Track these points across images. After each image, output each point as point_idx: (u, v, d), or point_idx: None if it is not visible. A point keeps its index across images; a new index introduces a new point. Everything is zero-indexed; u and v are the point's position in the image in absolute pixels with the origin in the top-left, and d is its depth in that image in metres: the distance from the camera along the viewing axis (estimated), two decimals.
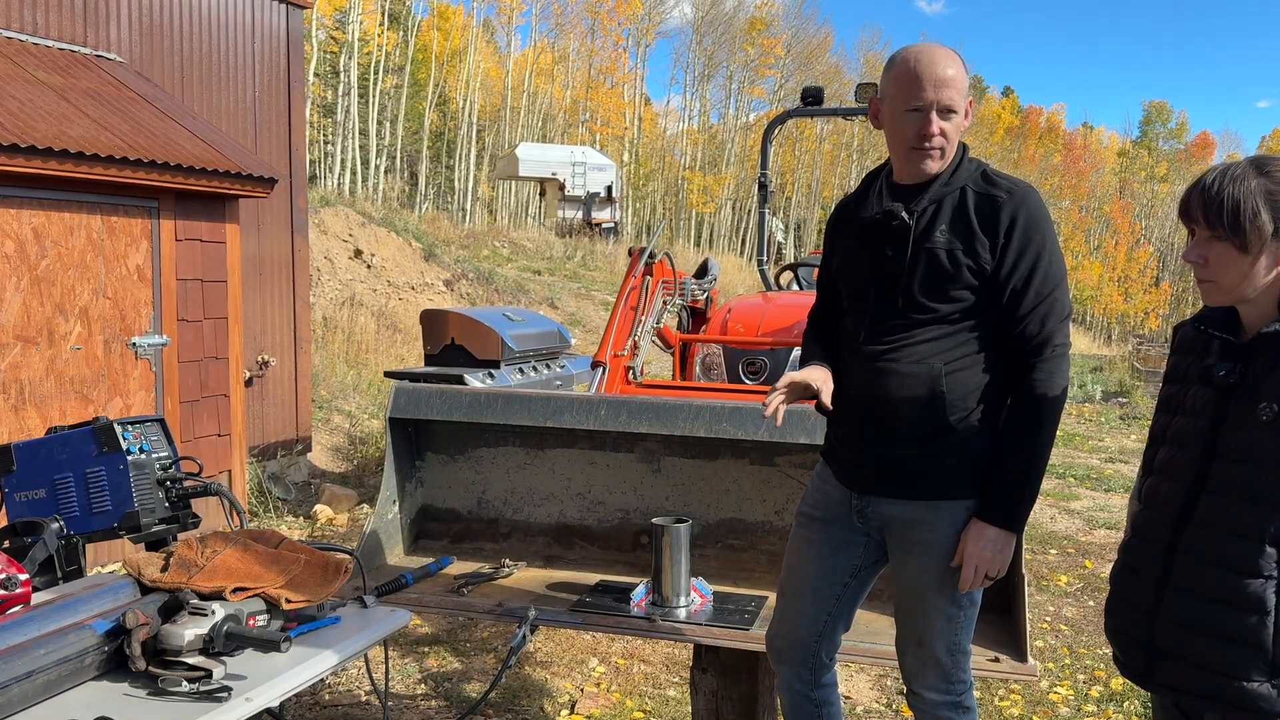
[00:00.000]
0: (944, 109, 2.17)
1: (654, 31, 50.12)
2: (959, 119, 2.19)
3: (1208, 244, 1.74)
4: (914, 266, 2.20)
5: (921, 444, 2.22)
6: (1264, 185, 1.69)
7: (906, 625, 2.35)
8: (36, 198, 5.20)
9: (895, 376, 2.23)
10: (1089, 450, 10.67)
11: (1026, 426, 2.18)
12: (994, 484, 2.19)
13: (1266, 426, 1.67)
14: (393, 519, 3.53)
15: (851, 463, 2.35)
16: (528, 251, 23.52)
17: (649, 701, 4.08)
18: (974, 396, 2.21)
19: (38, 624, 1.89)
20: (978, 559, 2.18)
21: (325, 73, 36.62)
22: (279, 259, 7.79)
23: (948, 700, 2.33)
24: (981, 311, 2.20)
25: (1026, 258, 2.16)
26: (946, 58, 2.18)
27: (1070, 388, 14.58)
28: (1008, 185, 2.22)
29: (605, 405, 3.34)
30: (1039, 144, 64.13)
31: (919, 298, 2.21)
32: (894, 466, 2.26)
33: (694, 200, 47.53)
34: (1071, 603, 5.57)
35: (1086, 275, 57.36)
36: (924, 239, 2.20)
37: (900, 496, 2.27)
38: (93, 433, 2.47)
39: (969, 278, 2.18)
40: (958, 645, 2.31)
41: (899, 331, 2.23)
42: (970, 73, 2.26)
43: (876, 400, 2.26)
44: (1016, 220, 2.16)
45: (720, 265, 7.37)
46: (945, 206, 2.21)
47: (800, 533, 2.49)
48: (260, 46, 7.62)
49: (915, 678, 2.35)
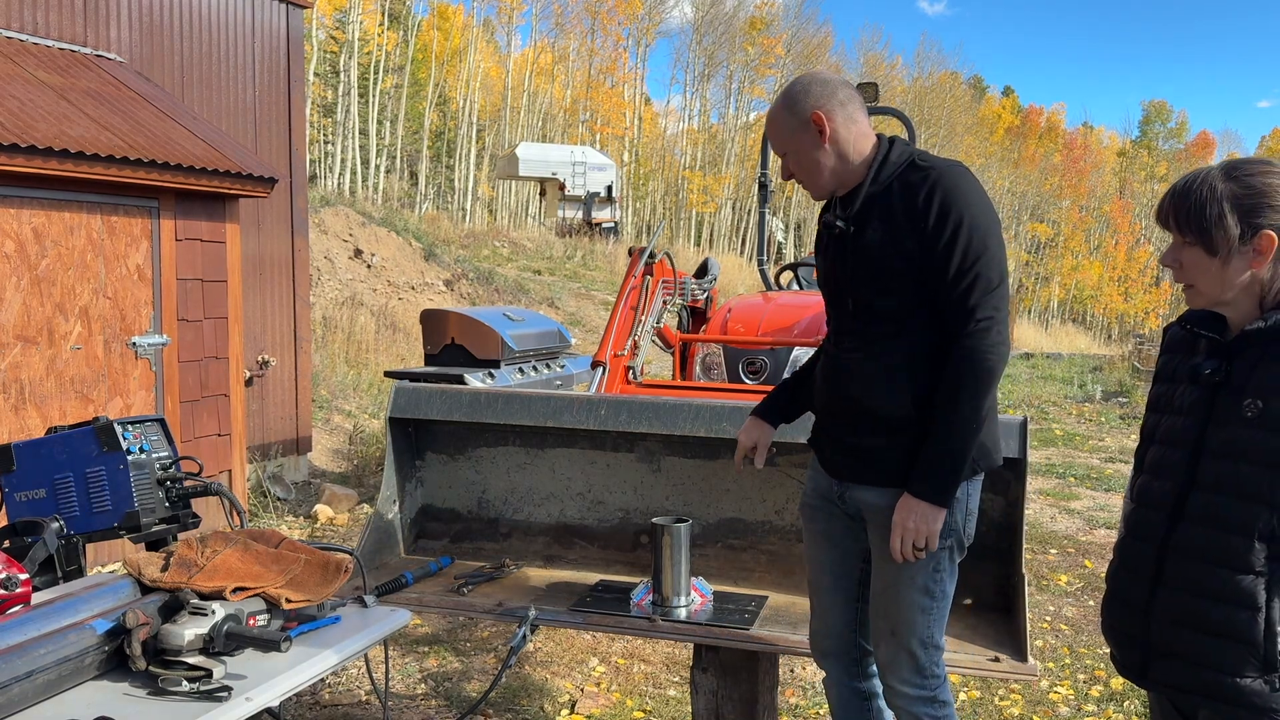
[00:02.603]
0: (780, 156, 2.40)
1: (654, 31, 50.16)
2: (801, 150, 2.34)
3: (1181, 249, 1.77)
4: (853, 269, 2.33)
5: (888, 435, 2.31)
6: (1230, 189, 1.71)
7: (879, 615, 2.41)
8: (36, 198, 5.20)
9: (854, 372, 2.35)
10: (1089, 450, 10.67)
11: (947, 400, 2.23)
12: (921, 458, 2.25)
13: (1252, 423, 1.69)
14: (393, 519, 3.54)
15: (829, 452, 2.48)
16: (528, 251, 23.53)
17: (649, 701, 4.08)
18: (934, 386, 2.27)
19: (38, 624, 1.89)
20: (903, 528, 2.25)
21: (325, 73, 36.62)
22: (279, 259, 7.79)
23: (923, 695, 2.38)
24: (926, 301, 2.26)
25: (945, 232, 2.20)
26: (770, 113, 2.42)
27: (1070, 387, 14.38)
28: (929, 166, 2.28)
29: (605, 405, 3.34)
30: (1039, 144, 64.10)
31: (861, 296, 2.32)
32: (864, 455, 2.36)
33: (694, 200, 47.53)
34: (1071, 603, 5.57)
35: (1086, 275, 57.38)
36: (857, 239, 2.31)
37: (872, 484, 2.36)
38: (93, 432, 2.47)
39: (901, 266, 2.24)
40: (930, 638, 2.36)
41: (856, 331, 2.35)
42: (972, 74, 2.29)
43: (841, 395, 2.39)
44: (933, 197, 2.22)
45: (720, 265, 7.37)
46: (876, 204, 2.31)
47: (808, 526, 2.60)
48: (260, 46, 7.62)
49: (890, 671, 2.41)
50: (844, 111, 2.33)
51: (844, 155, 2.33)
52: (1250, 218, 1.70)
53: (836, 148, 2.32)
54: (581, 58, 47.50)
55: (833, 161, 2.33)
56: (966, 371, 2.20)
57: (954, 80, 57.87)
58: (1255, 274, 1.72)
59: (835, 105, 2.32)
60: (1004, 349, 2.23)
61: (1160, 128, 72.12)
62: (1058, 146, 65.66)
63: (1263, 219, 1.69)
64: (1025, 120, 67.81)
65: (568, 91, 46.84)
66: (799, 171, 2.39)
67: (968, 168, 2.33)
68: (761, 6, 51.16)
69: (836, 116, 2.32)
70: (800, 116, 2.32)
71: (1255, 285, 1.73)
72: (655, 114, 54.88)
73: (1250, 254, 1.71)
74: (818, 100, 2.32)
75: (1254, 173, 1.72)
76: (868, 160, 2.33)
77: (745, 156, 48.10)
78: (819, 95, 2.32)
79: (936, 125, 51.14)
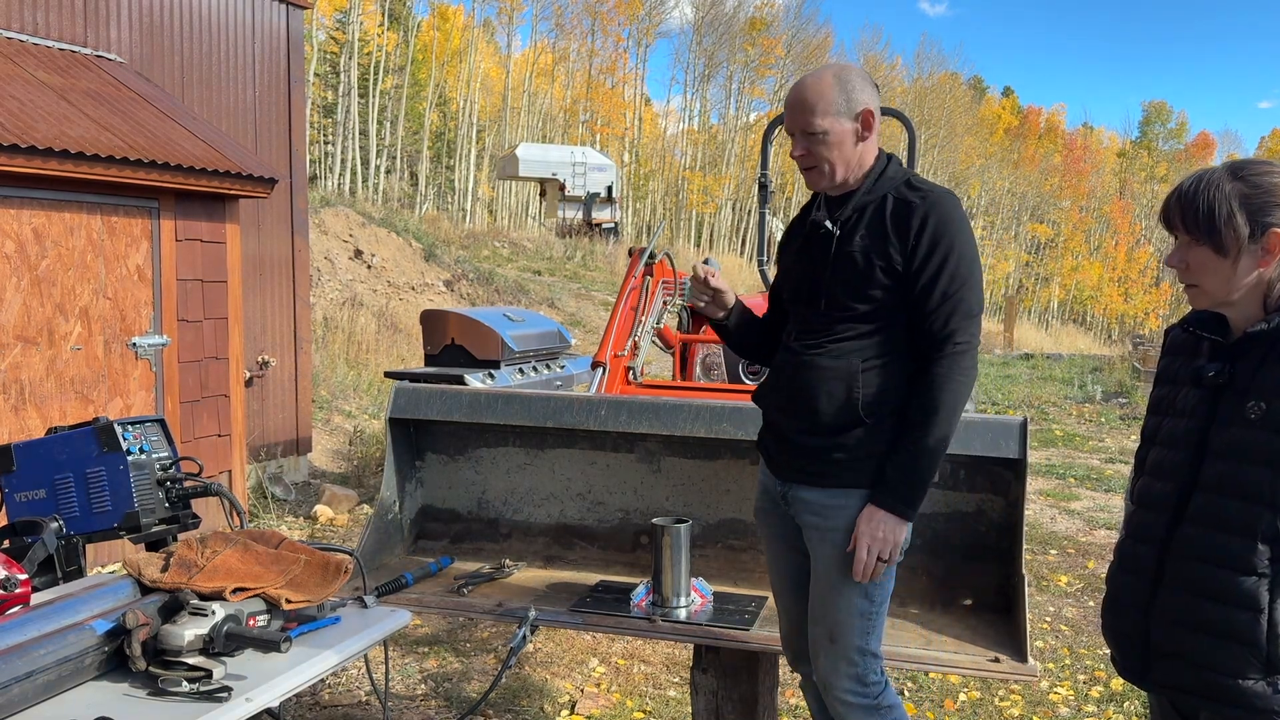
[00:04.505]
0: (804, 133, 2.35)
1: (654, 31, 50.20)
2: (837, 137, 2.33)
3: (1187, 249, 1.78)
4: (835, 270, 2.36)
5: (837, 434, 2.34)
6: (1239, 189, 1.72)
7: (818, 621, 2.41)
8: (37, 198, 5.20)
9: (816, 369, 2.37)
10: (1089, 450, 10.67)
11: (919, 417, 2.28)
12: (886, 469, 2.30)
13: (1255, 424, 1.70)
14: (393, 519, 3.54)
15: (775, 451, 2.49)
16: (528, 252, 23.53)
17: (649, 702, 4.08)
18: (891, 393, 2.32)
19: (38, 624, 1.89)
20: (869, 538, 2.28)
21: (325, 73, 36.64)
22: (279, 259, 7.79)
23: (865, 704, 2.38)
24: (899, 312, 2.32)
25: (935, 257, 2.28)
26: (809, 85, 2.37)
27: (1070, 387, 14.40)
28: (925, 190, 2.35)
29: (605, 405, 3.34)
30: (1039, 144, 64.12)
31: (839, 298, 2.35)
32: (811, 455, 2.38)
33: (694, 200, 47.54)
34: (1071, 603, 5.57)
35: (1086, 275, 57.38)
36: (844, 244, 2.35)
37: (816, 485, 2.38)
38: (93, 433, 2.47)
39: (882, 278, 2.30)
40: (866, 645, 2.37)
41: (822, 330, 2.39)
42: (972, 75, 2.30)
43: (798, 390, 2.40)
44: (927, 222, 2.29)
45: (720, 265, 7.36)
46: (867, 213, 2.35)
47: (762, 530, 2.63)
48: (260, 47, 7.62)
49: (831, 682, 2.40)
50: (878, 118, 2.39)
51: (863, 159, 2.38)
52: (1259, 216, 1.71)
53: (863, 150, 2.37)
54: (581, 58, 47.53)
55: (854, 161, 2.37)
56: (941, 391, 2.27)
57: (954, 81, 57.88)
58: (1262, 273, 1.73)
59: (876, 110, 2.37)
60: (974, 374, 2.33)
61: (1160, 128, 72.12)
62: (1057, 147, 65.67)
63: (1271, 217, 1.70)
64: (1025, 121, 67.80)
65: (568, 92, 46.85)
66: (821, 156, 2.36)
67: (959, 199, 2.41)
68: (761, 7, 51.22)
69: (877, 122, 2.38)
70: (854, 106, 2.33)
71: (1261, 285, 1.74)
72: (655, 114, 54.93)
73: (1258, 253, 1.72)
74: (870, 97, 2.36)
75: (1261, 172, 1.73)
76: (868, 170, 2.39)
77: (745, 157, 48.11)
78: (871, 93, 2.38)
79: (936, 126, 51.12)
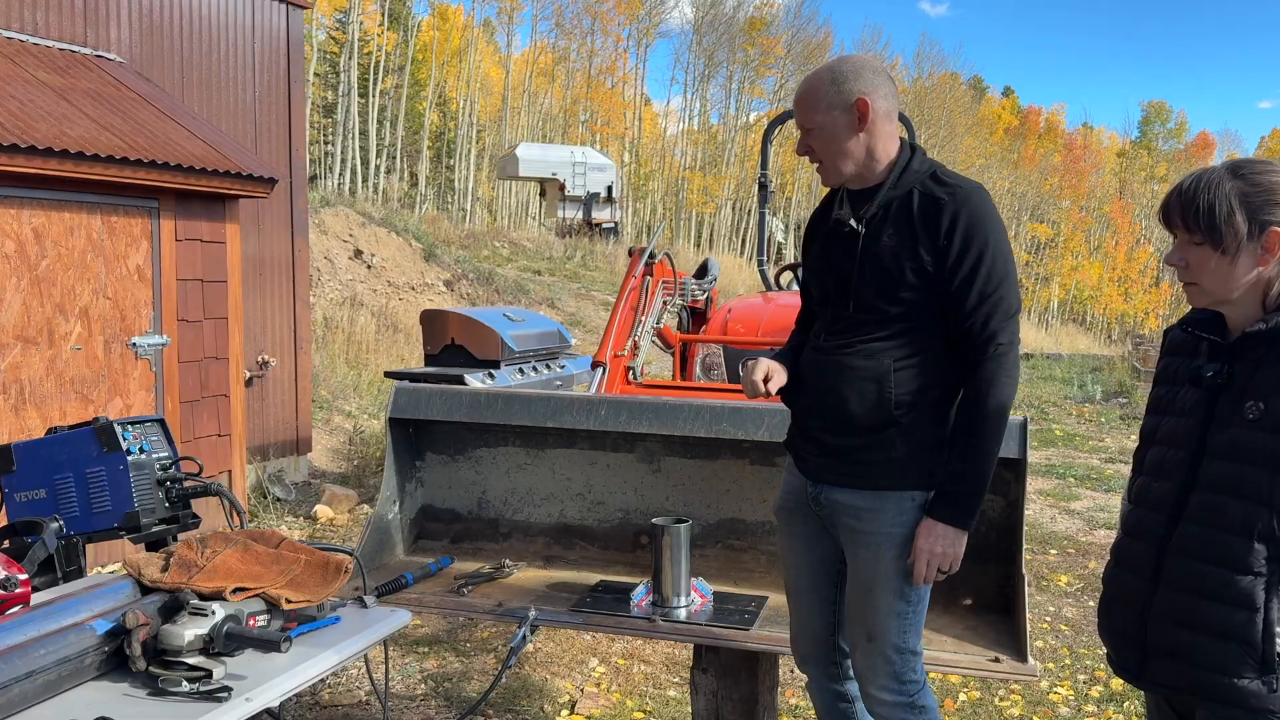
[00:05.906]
0: (803, 129, 2.33)
1: (654, 31, 50.22)
2: (830, 130, 2.29)
3: (1187, 247, 1.78)
4: (862, 271, 2.30)
5: (869, 434, 2.30)
6: (1239, 187, 1.73)
7: (856, 621, 2.40)
8: (36, 198, 5.20)
9: (846, 370, 2.32)
10: (1089, 450, 10.67)
11: (969, 426, 2.26)
12: (943, 482, 2.27)
13: (1254, 424, 1.70)
14: (393, 519, 3.53)
15: (806, 452, 2.45)
16: (528, 251, 23.53)
17: (649, 702, 4.08)
18: (923, 392, 2.28)
19: (38, 624, 1.89)
20: (929, 553, 2.26)
21: (325, 73, 36.64)
22: (279, 259, 7.79)
23: (902, 701, 2.36)
24: (931, 310, 2.27)
25: (969, 257, 2.22)
26: (805, 81, 2.35)
27: (1070, 387, 14.41)
28: (953, 185, 2.27)
29: (605, 405, 3.34)
30: (1039, 144, 64.11)
31: (868, 299, 2.30)
32: (843, 455, 2.34)
33: (694, 200, 47.53)
34: (1071, 603, 5.57)
35: (1086, 275, 57.35)
36: (871, 244, 2.29)
37: (849, 485, 2.35)
38: (93, 433, 2.47)
39: (913, 279, 2.25)
40: (905, 644, 2.35)
41: (852, 330, 2.33)
42: (972, 75, 2.29)
43: (828, 391, 2.35)
44: (958, 220, 2.22)
45: (720, 265, 7.37)
46: (893, 209, 2.29)
47: (783, 529, 2.59)
48: (260, 47, 7.62)
49: (868, 678, 2.39)
50: (885, 106, 2.30)
51: (872, 150, 2.30)
52: (1258, 215, 1.71)
53: (869, 140, 2.29)
54: (581, 58, 47.53)
55: (861, 152, 2.30)
56: (989, 397, 2.23)
57: (954, 81, 57.90)
58: (1261, 272, 1.74)
59: (880, 98, 2.28)
60: (1018, 374, 2.28)
61: (1160, 128, 72.10)
62: (1057, 147, 65.66)
63: (1270, 216, 1.71)
64: (1025, 121, 67.82)
65: (567, 92, 46.84)
66: (822, 152, 2.32)
67: (988, 191, 2.33)
68: (761, 7, 51.24)
69: (880, 109, 2.29)
70: (845, 97, 2.26)
71: (1260, 284, 1.74)
72: (655, 114, 54.94)
73: (1258, 251, 1.72)
74: (868, 86, 2.27)
75: (1260, 171, 1.74)
76: (891, 163, 2.32)
77: (745, 157, 48.10)
78: (870, 82, 2.28)
79: (936, 126, 51.15)
